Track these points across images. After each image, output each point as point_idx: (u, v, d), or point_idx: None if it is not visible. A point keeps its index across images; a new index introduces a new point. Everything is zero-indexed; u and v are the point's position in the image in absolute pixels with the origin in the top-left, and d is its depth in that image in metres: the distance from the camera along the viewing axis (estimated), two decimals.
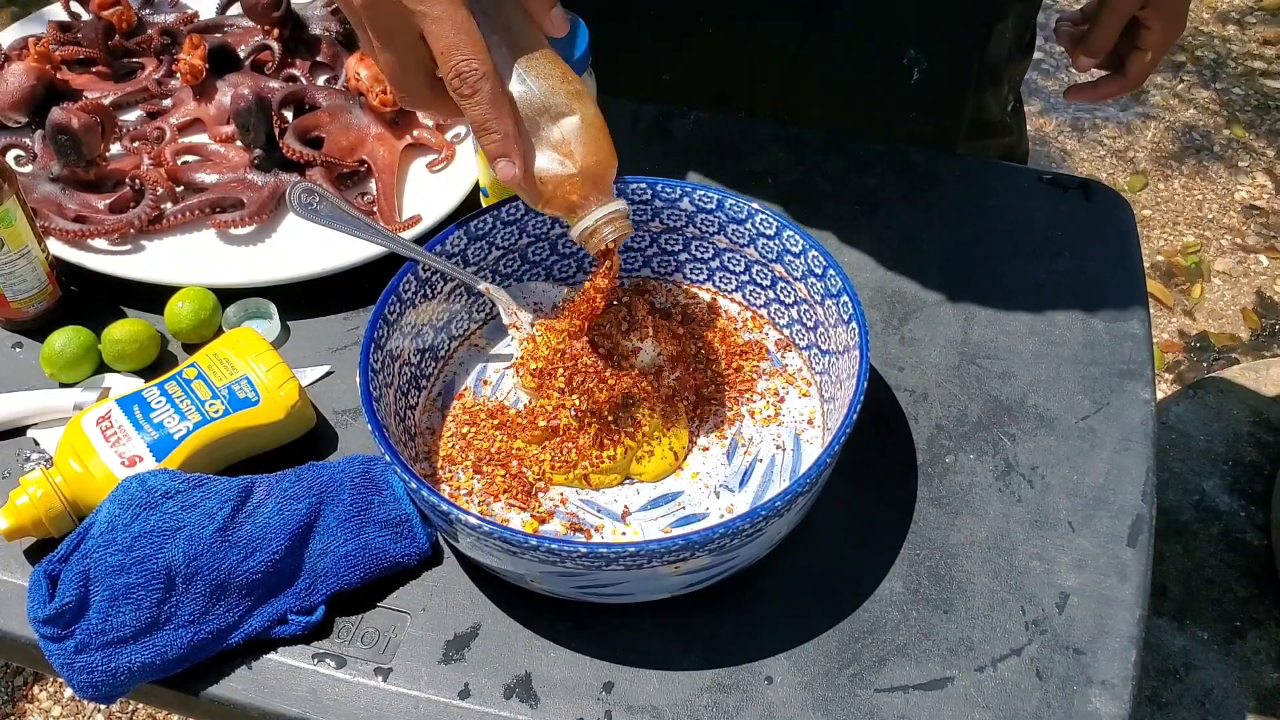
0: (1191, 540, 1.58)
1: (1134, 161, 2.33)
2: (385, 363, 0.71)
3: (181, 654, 0.64)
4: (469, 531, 0.62)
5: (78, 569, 0.64)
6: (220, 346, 0.75)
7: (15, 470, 0.76)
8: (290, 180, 0.90)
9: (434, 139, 0.95)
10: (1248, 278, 2.10)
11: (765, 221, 0.77)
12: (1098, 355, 0.81)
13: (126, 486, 0.67)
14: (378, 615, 0.68)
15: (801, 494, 0.62)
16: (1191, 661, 1.47)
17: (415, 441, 0.74)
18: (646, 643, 0.67)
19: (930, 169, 0.95)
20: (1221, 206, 2.23)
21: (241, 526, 0.66)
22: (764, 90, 1.04)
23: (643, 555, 0.60)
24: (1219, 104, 2.44)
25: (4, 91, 0.93)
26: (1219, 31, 2.62)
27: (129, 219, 0.86)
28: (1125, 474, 0.74)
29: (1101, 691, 0.64)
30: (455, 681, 0.65)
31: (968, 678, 0.65)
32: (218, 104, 0.97)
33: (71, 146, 0.87)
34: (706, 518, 0.71)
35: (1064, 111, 2.43)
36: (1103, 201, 0.93)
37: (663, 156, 0.96)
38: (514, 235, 0.79)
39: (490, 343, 0.81)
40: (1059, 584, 0.69)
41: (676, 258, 0.82)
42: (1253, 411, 1.71)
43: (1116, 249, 0.89)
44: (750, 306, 0.81)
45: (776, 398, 0.76)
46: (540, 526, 0.70)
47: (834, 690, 0.65)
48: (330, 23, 1.03)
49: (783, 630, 0.67)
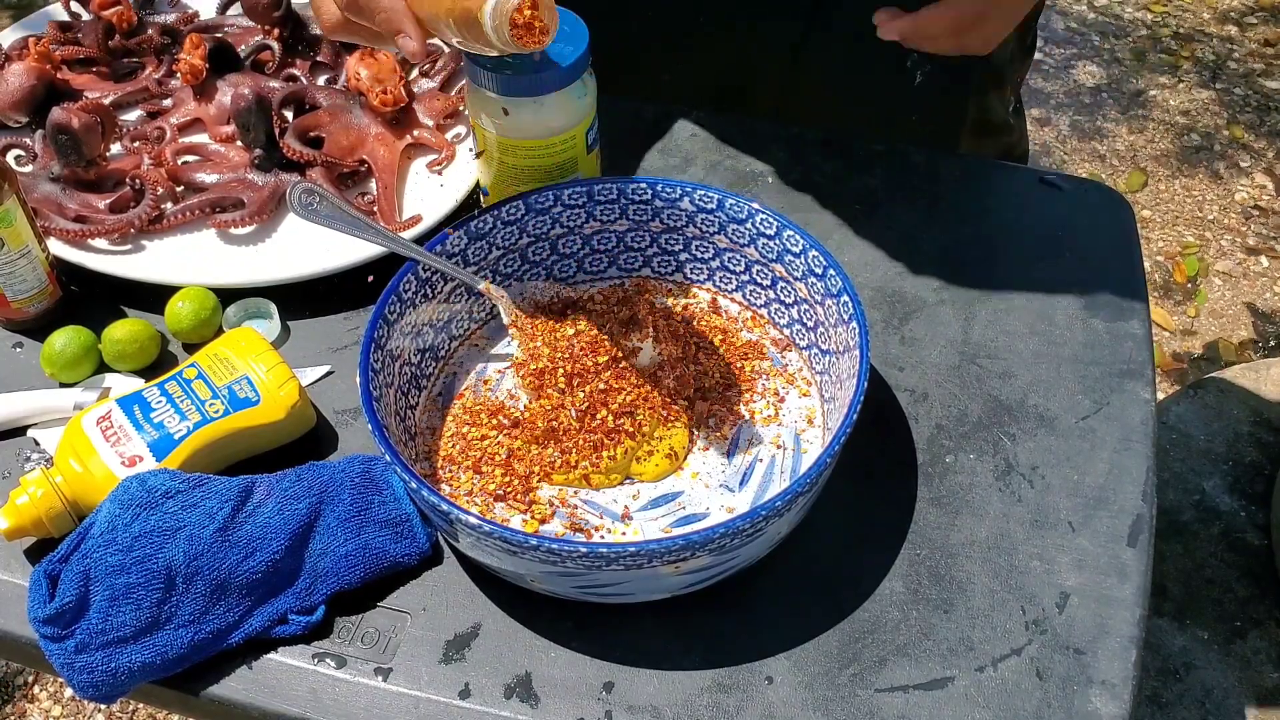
0: (1191, 540, 1.58)
1: (1134, 162, 2.33)
2: (385, 363, 0.71)
3: (182, 654, 0.64)
4: (469, 531, 0.62)
5: (78, 569, 0.64)
6: (220, 346, 0.75)
7: (15, 470, 0.76)
8: (290, 180, 0.90)
9: (434, 139, 0.95)
10: (1248, 279, 2.10)
11: (765, 221, 0.77)
12: (1098, 355, 0.81)
13: (126, 486, 0.67)
14: (378, 615, 0.68)
15: (801, 494, 0.62)
16: (1191, 661, 1.47)
17: (415, 441, 0.74)
18: (646, 643, 0.67)
19: (930, 169, 0.95)
20: (1222, 207, 2.23)
21: (241, 526, 0.66)
22: (764, 90, 1.04)
23: (643, 555, 0.60)
24: (1219, 104, 2.44)
25: (4, 91, 0.93)
26: (1219, 31, 2.62)
27: (129, 219, 0.86)
28: (1125, 474, 0.74)
29: (1101, 691, 0.64)
30: (455, 681, 0.65)
31: (968, 678, 0.65)
32: (218, 104, 0.97)
33: (71, 146, 0.87)
34: (706, 518, 0.71)
35: (1064, 112, 2.43)
36: (1103, 201, 0.93)
37: (663, 156, 0.96)
38: (514, 235, 0.79)
39: (490, 343, 0.81)
40: (1059, 584, 0.69)
41: (676, 258, 0.82)
42: (1253, 411, 1.71)
43: (1116, 249, 0.89)
44: (750, 306, 0.81)
45: (776, 398, 0.76)
46: (540, 526, 0.70)
47: (834, 690, 0.65)
48: None
49: (783, 630, 0.67)
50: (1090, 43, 2.61)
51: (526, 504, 0.71)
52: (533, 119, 0.77)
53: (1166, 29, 2.63)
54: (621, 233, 0.81)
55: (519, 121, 0.77)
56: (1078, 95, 2.48)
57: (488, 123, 0.79)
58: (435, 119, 0.96)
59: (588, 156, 0.82)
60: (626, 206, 0.79)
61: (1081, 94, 2.48)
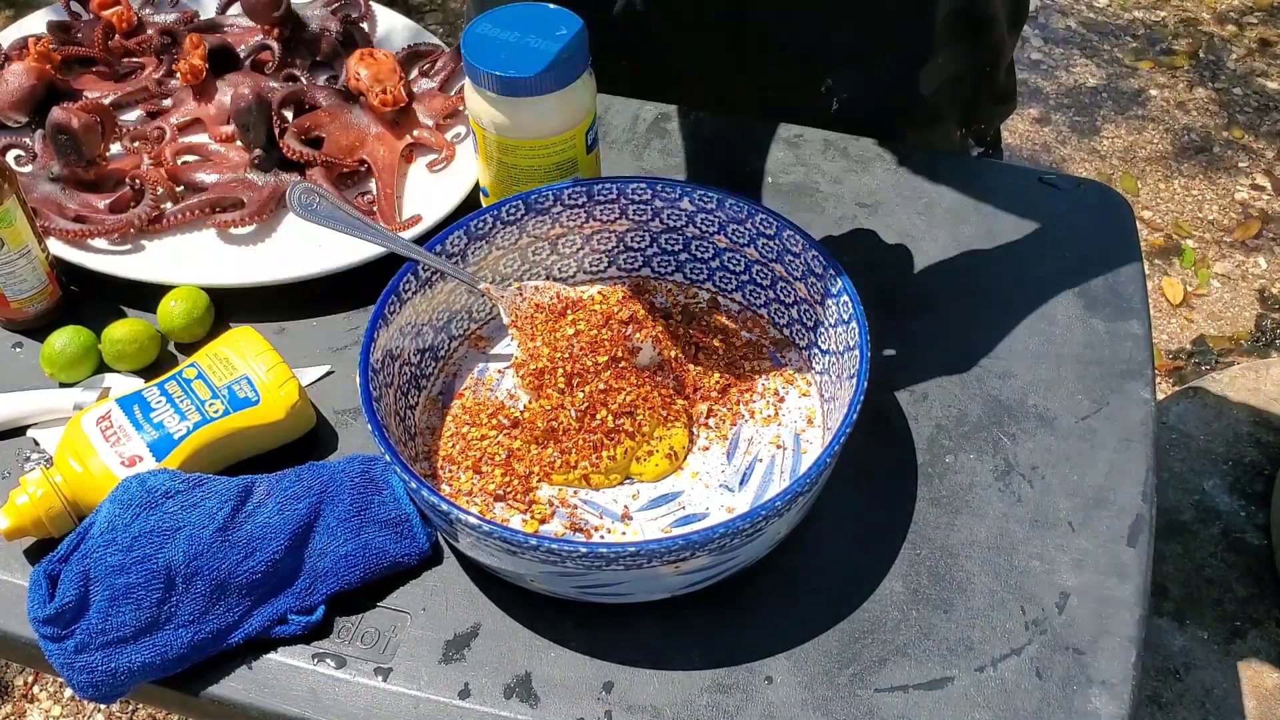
0: (1191, 540, 1.58)
1: (1134, 162, 2.33)
2: (385, 362, 0.71)
3: (181, 654, 0.64)
4: (469, 531, 0.62)
5: (78, 569, 0.64)
6: (220, 346, 0.75)
7: (15, 470, 0.76)
8: (290, 180, 0.90)
9: (434, 139, 0.95)
10: (1247, 280, 2.10)
11: (765, 221, 0.77)
12: (1098, 355, 0.81)
13: (126, 486, 0.67)
14: (378, 615, 0.68)
15: (801, 494, 0.62)
16: (1191, 661, 1.47)
17: (415, 441, 0.74)
18: (646, 643, 0.67)
19: (930, 169, 0.95)
20: (1221, 207, 2.23)
21: (241, 526, 0.66)
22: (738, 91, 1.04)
23: (643, 555, 0.60)
24: (1219, 104, 2.44)
25: (4, 91, 0.93)
26: (1219, 32, 2.62)
27: (129, 219, 0.86)
28: (1125, 474, 0.74)
29: (1101, 691, 0.64)
30: (455, 681, 0.65)
31: (968, 678, 0.65)
32: (218, 104, 0.97)
33: (71, 146, 0.87)
34: (706, 518, 0.71)
35: (1064, 112, 2.43)
36: (1103, 201, 0.93)
37: (663, 156, 0.96)
38: (514, 235, 0.79)
39: (490, 343, 0.81)
40: (1059, 584, 0.69)
41: (676, 258, 0.82)
42: (1253, 411, 1.71)
43: (1116, 249, 0.89)
44: (750, 306, 0.81)
45: (776, 398, 0.76)
46: (540, 526, 0.70)
47: (834, 690, 0.65)
48: (330, 23, 1.03)
49: (783, 630, 0.67)
50: (1089, 43, 2.61)
51: (526, 504, 0.71)
52: (533, 119, 0.77)
53: (1166, 29, 2.63)
54: (621, 233, 0.81)
55: (519, 121, 0.77)
56: (1077, 95, 2.47)
57: (488, 123, 0.79)
58: (435, 119, 0.96)
59: (588, 156, 0.82)
60: (626, 206, 0.79)
61: (1081, 93, 2.48)
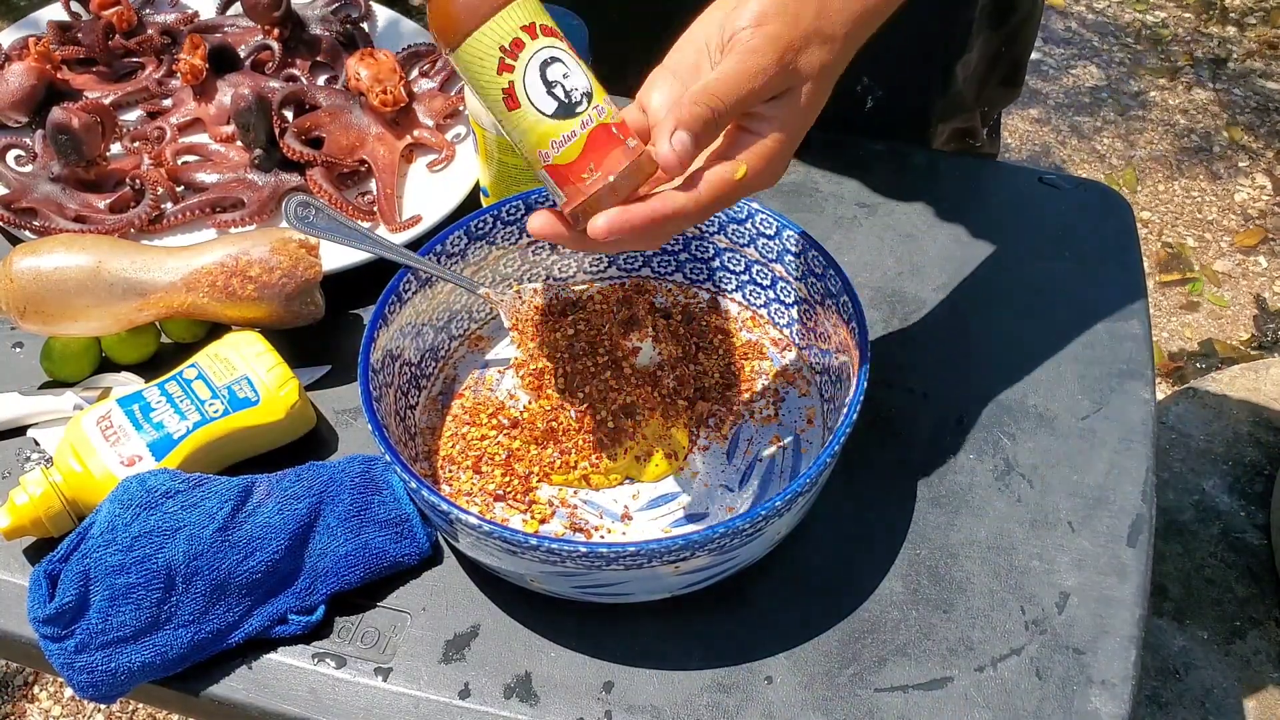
0: (1191, 540, 1.58)
1: (1134, 162, 2.33)
2: (385, 363, 0.71)
3: (182, 654, 0.64)
4: (469, 531, 0.62)
5: (78, 569, 0.64)
6: (220, 346, 0.75)
7: (15, 470, 0.76)
8: (290, 180, 0.90)
9: (434, 139, 0.95)
10: (1246, 280, 2.10)
11: (765, 221, 0.77)
12: (1098, 355, 0.81)
13: (126, 486, 0.67)
14: (378, 615, 0.68)
15: (801, 494, 0.62)
16: (1191, 661, 1.47)
17: (415, 441, 0.74)
18: (646, 643, 0.67)
19: (930, 169, 0.95)
20: (1221, 208, 2.23)
21: (241, 526, 0.66)
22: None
23: (643, 555, 0.60)
24: (1219, 105, 2.44)
25: (4, 91, 0.93)
26: (1219, 32, 2.62)
27: (129, 219, 0.86)
28: (1125, 474, 0.74)
29: (1101, 691, 0.64)
30: (455, 681, 0.65)
31: (968, 678, 0.65)
32: (218, 104, 0.97)
33: (71, 146, 0.87)
34: (706, 518, 0.71)
35: (1064, 112, 2.43)
36: (1103, 201, 0.93)
37: None
38: (514, 235, 0.79)
39: (490, 343, 0.81)
40: (1059, 584, 0.69)
41: (677, 258, 0.82)
42: (1253, 411, 1.71)
43: (1116, 249, 0.89)
44: (750, 306, 0.81)
45: (776, 398, 0.76)
46: (540, 526, 0.70)
47: (834, 690, 0.65)
48: (330, 23, 1.03)
49: (783, 630, 0.67)
50: (1089, 43, 2.61)
51: (526, 504, 0.71)
52: None
53: (1166, 30, 2.63)
54: None
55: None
56: (1077, 95, 2.48)
57: (488, 123, 0.79)
58: (435, 119, 0.96)
59: None
60: None
61: (1081, 94, 2.48)
